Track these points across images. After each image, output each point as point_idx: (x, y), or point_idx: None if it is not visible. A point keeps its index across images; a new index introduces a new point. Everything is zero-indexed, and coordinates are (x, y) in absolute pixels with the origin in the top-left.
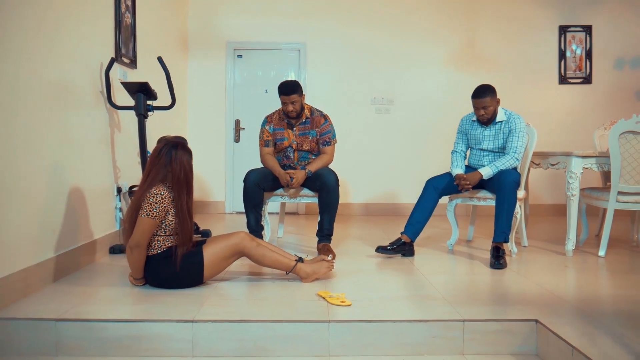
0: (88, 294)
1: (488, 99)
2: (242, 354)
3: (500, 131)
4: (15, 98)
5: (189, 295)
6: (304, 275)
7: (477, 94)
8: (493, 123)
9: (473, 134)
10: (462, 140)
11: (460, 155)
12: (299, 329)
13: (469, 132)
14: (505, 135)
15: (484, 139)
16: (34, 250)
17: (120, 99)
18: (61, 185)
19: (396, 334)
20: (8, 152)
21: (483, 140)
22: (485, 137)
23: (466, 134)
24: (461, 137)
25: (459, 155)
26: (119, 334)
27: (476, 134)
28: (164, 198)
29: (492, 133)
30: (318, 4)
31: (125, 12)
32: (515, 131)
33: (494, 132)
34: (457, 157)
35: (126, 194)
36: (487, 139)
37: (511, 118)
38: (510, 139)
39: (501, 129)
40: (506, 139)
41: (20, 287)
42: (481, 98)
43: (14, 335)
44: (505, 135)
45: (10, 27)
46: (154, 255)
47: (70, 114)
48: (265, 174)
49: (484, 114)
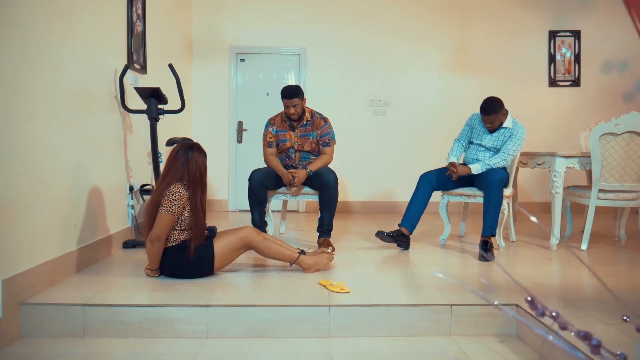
0: (109, 283)
1: (493, 116)
2: (251, 335)
3: (502, 135)
4: (41, 104)
5: (201, 284)
6: (306, 266)
7: (485, 111)
8: (500, 128)
9: (478, 129)
10: (466, 132)
11: (460, 144)
12: (303, 312)
13: (475, 127)
14: (505, 139)
15: (486, 136)
16: (59, 243)
17: (131, 103)
18: (82, 184)
19: (390, 317)
20: (36, 153)
21: (484, 137)
22: (487, 135)
23: (472, 128)
24: (467, 129)
25: (459, 143)
26: (140, 318)
27: (480, 131)
28: (182, 195)
29: (495, 135)
30: (318, 11)
31: (136, 20)
32: (515, 137)
33: (496, 135)
34: (457, 145)
35: (137, 193)
36: (490, 138)
37: (516, 126)
38: (508, 142)
39: (504, 133)
40: (505, 142)
41: (47, 276)
42: (488, 115)
43: (46, 319)
44: (505, 139)
45: (36, 39)
46: (170, 247)
47: (89, 117)
48: (268, 173)
49: (491, 127)
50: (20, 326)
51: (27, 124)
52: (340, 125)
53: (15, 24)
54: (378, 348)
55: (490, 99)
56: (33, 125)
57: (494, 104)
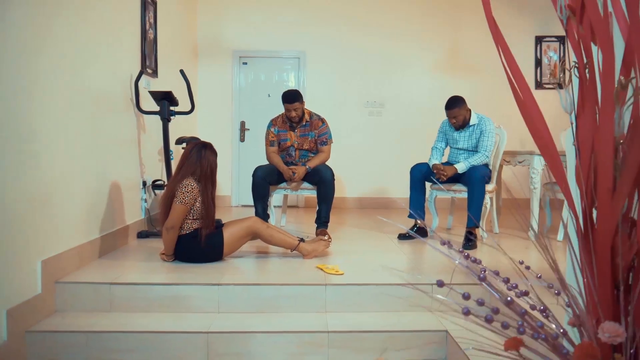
0: (129, 266)
1: (456, 110)
2: (257, 310)
3: (473, 133)
4: (69, 108)
5: (211, 267)
6: (305, 252)
7: (447, 106)
8: (467, 126)
9: (451, 135)
10: (441, 139)
11: (438, 151)
12: (302, 290)
13: (448, 134)
14: (477, 136)
15: (460, 140)
16: (85, 231)
17: (144, 105)
18: (103, 179)
19: (378, 295)
20: (65, 151)
21: (459, 141)
22: (461, 138)
23: (445, 134)
24: (441, 136)
25: (437, 151)
26: (160, 295)
27: (453, 136)
28: (194, 188)
29: (466, 135)
30: (316, 16)
31: (149, 28)
32: (486, 132)
33: (468, 134)
34: (435, 152)
35: (150, 187)
36: (463, 140)
37: (482, 121)
38: (481, 139)
39: (474, 131)
40: (478, 139)
41: (76, 259)
42: (451, 109)
43: (77, 296)
44: (477, 136)
45: (62, 49)
46: (184, 235)
47: (108, 119)
48: (270, 169)
49: (455, 121)
50: (55, 302)
51: (58, 125)
52: (337, 125)
53: (47, 35)
54: (368, 321)
55: (453, 96)
56: (62, 127)
57: (455, 99)
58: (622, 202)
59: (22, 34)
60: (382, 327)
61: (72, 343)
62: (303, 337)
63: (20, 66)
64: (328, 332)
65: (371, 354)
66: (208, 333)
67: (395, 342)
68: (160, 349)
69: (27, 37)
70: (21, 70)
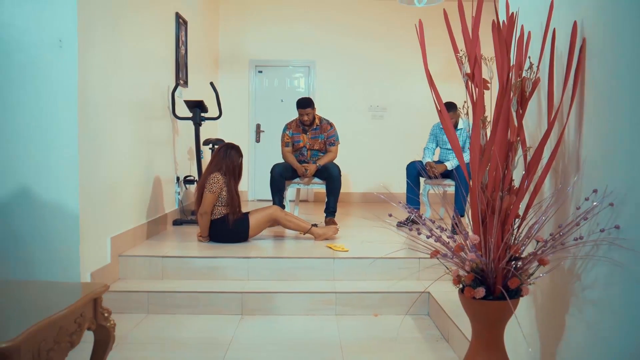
0: (173, 245)
1: (450, 114)
2: (278, 277)
3: (460, 135)
4: (127, 116)
5: (240, 246)
6: (317, 235)
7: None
8: (456, 129)
9: (441, 137)
10: (432, 140)
11: (430, 151)
12: (314, 262)
13: (438, 136)
14: (464, 138)
15: None
16: (137, 216)
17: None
18: (148, 174)
19: (376, 266)
20: (123, 150)
21: (448, 142)
22: None
23: (436, 137)
24: (432, 138)
25: (429, 150)
26: (202, 265)
27: (444, 137)
28: (219, 180)
29: None
30: (325, 28)
31: (181, 45)
32: None
33: (457, 135)
34: (427, 152)
35: (182, 182)
36: None
37: (466, 125)
38: (467, 141)
39: (461, 134)
40: (465, 140)
41: (131, 239)
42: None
43: (135, 267)
44: (464, 138)
45: (111, 68)
46: (215, 219)
47: (150, 124)
48: (286, 167)
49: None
50: (119, 271)
51: (119, 130)
52: (343, 128)
53: (117, 61)
54: (367, 285)
55: (446, 102)
56: (122, 130)
57: (448, 105)
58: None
59: (102, 62)
60: (379, 289)
61: (136, 299)
62: (315, 296)
63: (98, 87)
64: (336, 293)
65: (369, 310)
66: (242, 293)
67: (388, 301)
68: (206, 304)
69: (106, 63)
70: (99, 90)
